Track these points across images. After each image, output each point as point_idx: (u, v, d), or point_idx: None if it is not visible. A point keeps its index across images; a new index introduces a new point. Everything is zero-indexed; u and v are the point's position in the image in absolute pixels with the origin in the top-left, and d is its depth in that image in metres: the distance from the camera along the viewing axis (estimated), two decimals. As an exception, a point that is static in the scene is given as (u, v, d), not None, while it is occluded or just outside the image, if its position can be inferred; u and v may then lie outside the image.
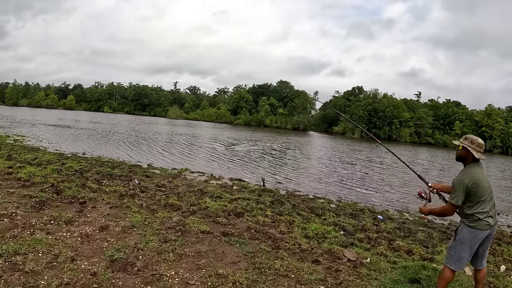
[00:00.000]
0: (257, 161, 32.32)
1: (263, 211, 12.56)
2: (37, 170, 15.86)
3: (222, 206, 12.54)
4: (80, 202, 11.31)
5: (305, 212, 13.40)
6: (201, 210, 11.79)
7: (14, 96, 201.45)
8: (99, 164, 20.39)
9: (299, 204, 14.68)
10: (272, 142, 60.85)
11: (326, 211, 14.20)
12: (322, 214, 13.45)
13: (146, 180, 16.89)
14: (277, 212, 12.77)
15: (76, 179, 14.90)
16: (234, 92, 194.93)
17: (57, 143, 32.83)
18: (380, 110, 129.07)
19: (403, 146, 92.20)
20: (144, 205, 11.79)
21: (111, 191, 13.41)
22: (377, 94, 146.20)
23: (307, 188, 20.93)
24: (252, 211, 12.38)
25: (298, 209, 13.66)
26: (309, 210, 13.98)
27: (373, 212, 15.36)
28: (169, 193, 14.04)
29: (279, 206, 13.79)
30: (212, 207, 12.24)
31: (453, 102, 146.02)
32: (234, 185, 18.58)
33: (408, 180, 27.71)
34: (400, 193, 22.45)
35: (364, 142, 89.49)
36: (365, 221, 13.29)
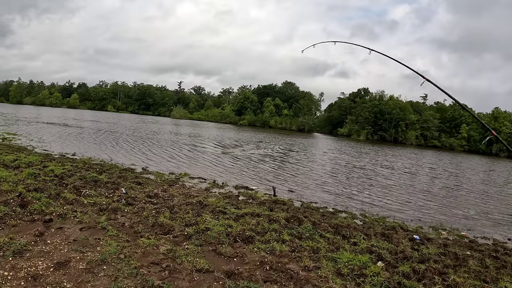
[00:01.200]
0: (265, 165, 29.65)
1: (279, 234, 9.96)
2: (10, 174, 13.63)
3: (226, 227, 9.96)
4: (45, 220, 9.06)
5: (329, 234, 10.83)
6: (198, 233, 9.24)
7: (18, 94, 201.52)
8: (86, 168, 17.95)
9: (320, 222, 12.08)
10: (278, 144, 58.18)
11: (353, 230, 11.58)
12: (350, 236, 10.86)
13: (136, 188, 14.41)
14: (295, 234, 10.20)
15: (52, 186, 12.57)
16: (238, 92, 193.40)
17: (48, 142, 30.48)
18: (386, 112, 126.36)
19: (410, 149, 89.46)
20: (126, 224, 9.35)
21: (90, 203, 11.01)
22: (383, 96, 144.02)
23: (323, 197, 18.38)
24: (265, 234, 9.79)
25: (320, 229, 11.11)
26: (333, 229, 11.41)
27: (406, 230, 12.90)
28: (161, 207, 11.52)
29: (296, 225, 11.25)
30: (214, 228, 9.66)
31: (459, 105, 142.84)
32: (240, 195, 16.07)
33: (429, 188, 25.27)
34: (425, 202, 20.16)
35: (371, 145, 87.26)
36: (402, 244, 10.79)
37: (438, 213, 17.51)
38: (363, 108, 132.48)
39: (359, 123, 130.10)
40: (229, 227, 10.00)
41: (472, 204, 21.06)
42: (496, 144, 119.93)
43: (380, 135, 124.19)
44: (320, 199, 17.69)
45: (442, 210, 18.36)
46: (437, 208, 18.77)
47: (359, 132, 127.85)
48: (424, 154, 73.53)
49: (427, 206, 18.94)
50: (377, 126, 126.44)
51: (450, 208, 19.11)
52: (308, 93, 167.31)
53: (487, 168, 54.88)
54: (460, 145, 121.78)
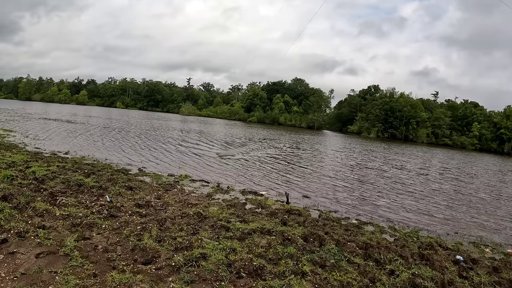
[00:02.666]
0: (275, 165, 27.35)
1: (296, 262, 7.80)
2: None
3: (227, 252, 7.82)
4: None
5: (359, 258, 8.66)
6: (191, 262, 7.11)
7: (27, 91, 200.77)
8: (74, 168, 16.01)
9: (344, 240, 9.89)
10: (288, 142, 55.66)
11: (386, 250, 9.40)
12: (384, 261, 8.66)
13: (125, 194, 12.40)
14: (317, 261, 8.01)
15: (26, 192, 10.79)
16: (248, 89, 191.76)
17: (43, 139, 28.61)
18: (397, 109, 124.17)
19: (422, 148, 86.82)
20: (99, 247, 7.36)
21: (62, 215, 9.09)
22: (394, 93, 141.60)
23: (342, 205, 16.20)
24: (278, 263, 7.61)
25: (347, 252, 8.94)
26: (363, 251, 9.21)
27: (445, 248, 10.72)
28: (150, 220, 9.46)
29: (317, 245, 9.10)
30: (211, 254, 7.51)
31: (470, 102, 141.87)
32: (248, 202, 13.95)
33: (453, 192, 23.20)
34: (453, 209, 18.05)
35: (382, 143, 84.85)
36: (447, 269, 8.70)
37: (471, 223, 15.49)
38: (373, 106, 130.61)
39: (369, 120, 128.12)
40: (231, 252, 7.85)
41: (503, 211, 18.82)
42: (508, 143, 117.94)
43: (391, 133, 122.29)
44: (340, 207, 15.52)
45: (474, 220, 16.13)
46: (467, 216, 16.70)
47: (370, 129, 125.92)
48: (437, 153, 71.06)
49: (456, 214, 16.83)
50: (387, 124, 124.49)
51: (480, 216, 17.00)
52: (318, 90, 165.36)
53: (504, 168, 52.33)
54: (472, 144, 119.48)
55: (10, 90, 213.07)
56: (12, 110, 72.20)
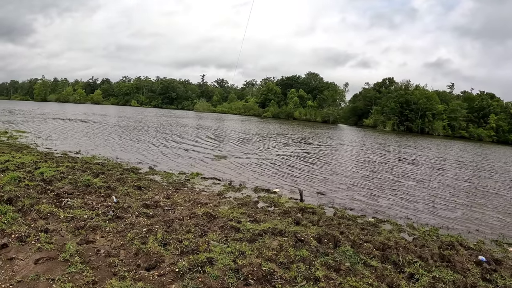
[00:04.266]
0: (289, 161, 26.88)
1: (309, 266, 7.38)
2: None
3: (235, 256, 7.44)
4: None
5: (376, 261, 8.21)
6: (196, 267, 6.72)
7: (42, 92, 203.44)
8: (83, 168, 15.75)
9: (360, 240, 9.45)
10: (303, 136, 54.93)
11: (404, 251, 8.98)
12: (403, 263, 8.23)
13: (133, 194, 12.09)
14: (332, 265, 7.59)
15: (32, 194, 10.55)
16: (262, 84, 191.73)
17: (56, 139, 28.55)
18: (413, 102, 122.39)
19: (437, 140, 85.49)
20: (102, 252, 7.01)
21: (67, 218, 8.82)
22: (409, 86, 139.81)
23: (358, 202, 15.70)
24: (290, 267, 7.21)
25: (364, 254, 8.51)
26: (380, 252, 8.79)
27: (466, 248, 10.19)
28: (157, 222, 9.12)
29: (332, 247, 8.68)
30: (218, 259, 7.12)
31: (487, 94, 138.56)
32: (260, 200, 13.55)
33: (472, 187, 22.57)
34: (473, 205, 17.41)
35: (398, 136, 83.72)
36: (469, 271, 8.23)
37: (491, 220, 14.80)
38: (388, 98, 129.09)
39: (384, 113, 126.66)
40: (240, 255, 7.46)
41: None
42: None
43: (407, 126, 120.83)
44: (356, 204, 15.05)
45: (495, 216, 15.40)
46: (487, 213, 15.98)
47: (385, 123, 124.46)
48: (454, 146, 69.65)
49: (475, 211, 16.21)
50: (403, 117, 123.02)
51: (501, 212, 16.28)
52: (332, 84, 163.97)
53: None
54: (489, 136, 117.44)
55: (26, 92, 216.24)
56: (27, 111, 72.78)
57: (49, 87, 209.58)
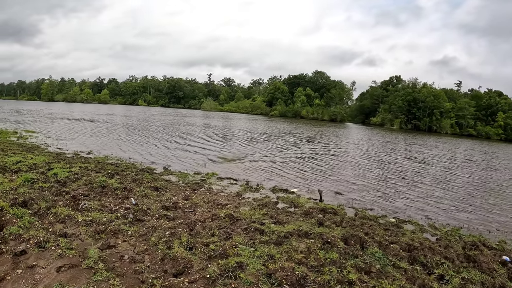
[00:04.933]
0: (302, 160, 26.53)
1: (340, 269, 7.09)
2: (3, 181, 11.47)
3: (265, 260, 7.13)
4: (16, 252, 6.64)
5: (404, 262, 7.95)
6: (227, 272, 6.41)
7: (49, 92, 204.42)
8: (97, 169, 15.51)
9: (386, 241, 9.18)
10: (312, 135, 54.51)
11: (430, 252, 8.70)
12: (431, 264, 7.99)
13: (151, 195, 11.82)
14: (362, 267, 7.30)
15: (47, 196, 10.31)
16: (269, 83, 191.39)
17: (66, 139, 28.42)
18: (420, 100, 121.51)
19: (446, 138, 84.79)
20: (126, 257, 6.71)
21: (86, 221, 8.54)
22: (417, 84, 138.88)
23: (376, 201, 15.42)
24: (321, 271, 6.89)
25: (391, 255, 8.22)
26: (407, 254, 8.51)
27: (489, 248, 9.93)
28: (179, 224, 8.84)
29: (359, 249, 8.36)
30: (249, 263, 6.82)
31: (494, 92, 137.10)
32: (280, 201, 13.25)
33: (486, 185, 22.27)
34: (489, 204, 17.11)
35: (406, 134, 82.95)
36: (495, 271, 8.03)
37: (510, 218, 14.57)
38: (396, 97, 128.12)
39: (392, 112, 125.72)
40: (270, 259, 7.15)
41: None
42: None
43: (414, 124, 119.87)
44: (375, 204, 14.76)
45: None
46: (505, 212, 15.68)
47: (393, 121, 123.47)
48: (463, 144, 68.94)
49: (493, 210, 15.89)
50: (410, 115, 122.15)
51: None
52: (339, 82, 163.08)
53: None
54: (497, 134, 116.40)
55: (33, 92, 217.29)
56: (35, 111, 72.83)
57: (56, 87, 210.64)
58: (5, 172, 13.24)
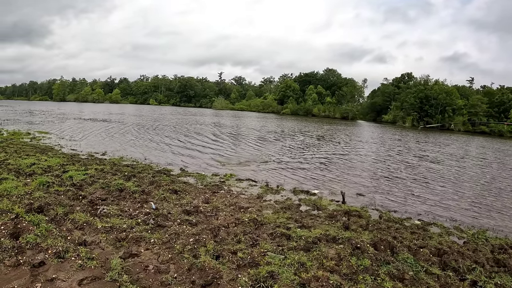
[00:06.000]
0: (317, 159, 26.03)
1: (374, 277, 6.71)
2: (18, 185, 11.09)
3: (296, 268, 6.74)
4: (34, 264, 6.27)
5: (436, 268, 7.60)
6: (259, 284, 6.02)
7: (61, 92, 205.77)
8: (113, 171, 15.22)
9: (415, 245, 8.77)
10: (325, 134, 53.90)
11: (460, 256, 8.32)
12: (463, 269, 7.62)
13: (170, 199, 11.49)
14: (395, 274, 6.94)
15: (63, 201, 9.97)
16: (280, 81, 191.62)
17: (79, 140, 28.20)
18: (432, 97, 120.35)
19: (459, 135, 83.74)
20: (150, 268, 6.41)
21: (105, 228, 8.23)
22: (428, 81, 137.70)
23: (399, 202, 14.99)
24: (356, 281, 6.50)
25: (422, 260, 7.88)
26: (437, 258, 8.16)
27: (518, 251, 9.49)
28: (202, 230, 8.48)
29: (390, 254, 7.98)
30: (280, 272, 6.41)
31: (507, 88, 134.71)
32: (302, 203, 12.88)
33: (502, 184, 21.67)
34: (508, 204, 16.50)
35: (418, 132, 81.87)
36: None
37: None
38: (407, 94, 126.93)
39: (404, 109, 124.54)
40: (301, 267, 6.78)
41: None
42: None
43: (426, 122, 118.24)
44: (397, 205, 14.34)
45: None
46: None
47: (405, 118, 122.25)
48: (476, 141, 67.87)
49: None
50: (423, 112, 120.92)
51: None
52: (351, 80, 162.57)
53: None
54: (510, 131, 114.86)
55: (45, 92, 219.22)
56: (47, 111, 72.85)
57: (67, 87, 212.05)
58: (19, 175, 12.95)
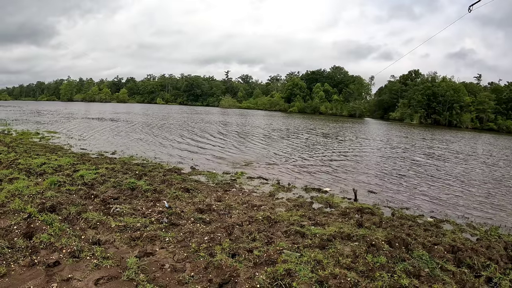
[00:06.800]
0: (326, 156, 26.06)
1: (391, 274, 6.65)
2: (29, 185, 11.10)
3: (313, 266, 6.66)
4: (49, 263, 6.26)
5: (451, 264, 7.57)
6: (276, 282, 5.93)
7: (68, 92, 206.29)
8: (124, 170, 15.23)
9: (429, 242, 8.76)
10: (334, 132, 53.73)
11: (473, 253, 8.23)
12: (478, 266, 7.60)
13: (183, 197, 11.47)
14: (411, 271, 6.88)
15: (76, 200, 9.95)
16: (287, 79, 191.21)
17: (88, 139, 28.28)
18: (440, 94, 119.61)
19: (467, 133, 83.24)
20: (167, 266, 6.39)
21: (119, 227, 8.19)
22: (436, 78, 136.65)
23: (410, 199, 14.93)
24: (373, 278, 6.44)
25: (437, 257, 7.83)
26: (452, 255, 8.14)
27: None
28: (217, 229, 8.47)
29: (404, 251, 7.95)
30: (297, 270, 6.33)
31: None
32: (314, 201, 12.85)
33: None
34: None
35: (426, 129, 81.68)
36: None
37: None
38: (415, 91, 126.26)
39: (411, 106, 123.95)
40: (317, 265, 6.73)
41: None
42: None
43: (434, 119, 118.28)
44: (409, 202, 14.32)
45: None
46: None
47: (412, 116, 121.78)
48: (484, 138, 67.30)
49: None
50: (430, 109, 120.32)
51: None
52: (358, 77, 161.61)
53: None
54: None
55: (52, 92, 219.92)
56: (55, 111, 73.20)
57: (75, 87, 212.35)
58: (30, 174, 12.97)
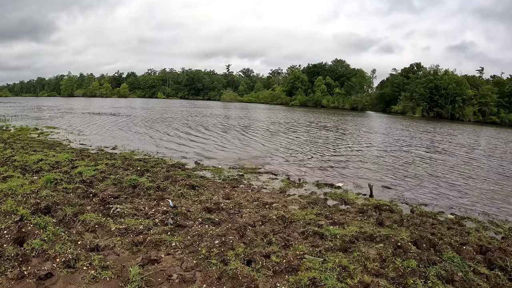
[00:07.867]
0: (333, 151, 25.33)
1: (424, 280, 5.99)
2: (23, 183, 10.42)
3: (338, 273, 5.95)
4: (41, 276, 5.54)
5: (483, 267, 6.93)
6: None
7: (69, 88, 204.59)
8: (124, 166, 14.53)
9: (456, 242, 8.14)
10: (336, 125, 52.76)
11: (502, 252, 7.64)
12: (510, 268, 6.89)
13: (188, 195, 10.75)
14: (444, 276, 6.23)
15: (73, 199, 9.26)
16: (288, 72, 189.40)
17: (88, 135, 27.54)
18: (442, 87, 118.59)
19: (470, 126, 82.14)
20: (174, 277, 5.65)
21: (120, 230, 7.48)
22: (438, 71, 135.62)
23: (427, 195, 14.20)
24: (407, 285, 5.76)
25: (467, 258, 7.20)
26: (481, 256, 7.50)
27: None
28: (227, 231, 7.73)
29: (433, 253, 7.25)
30: (322, 278, 5.61)
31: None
32: (328, 197, 12.14)
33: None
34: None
35: (429, 122, 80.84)
36: None
37: None
38: (417, 84, 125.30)
39: (413, 99, 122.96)
40: (343, 271, 6.03)
41: None
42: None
43: (436, 112, 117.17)
44: (426, 199, 13.60)
45: None
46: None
47: (414, 109, 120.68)
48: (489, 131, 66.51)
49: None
50: (432, 103, 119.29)
51: None
52: (360, 71, 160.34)
53: None
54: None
55: (53, 88, 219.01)
56: (55, 106, 72.51)
57: (75, 83, 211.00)
58: (25, 172, 12.29)
